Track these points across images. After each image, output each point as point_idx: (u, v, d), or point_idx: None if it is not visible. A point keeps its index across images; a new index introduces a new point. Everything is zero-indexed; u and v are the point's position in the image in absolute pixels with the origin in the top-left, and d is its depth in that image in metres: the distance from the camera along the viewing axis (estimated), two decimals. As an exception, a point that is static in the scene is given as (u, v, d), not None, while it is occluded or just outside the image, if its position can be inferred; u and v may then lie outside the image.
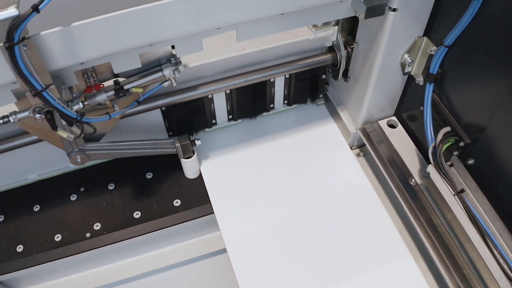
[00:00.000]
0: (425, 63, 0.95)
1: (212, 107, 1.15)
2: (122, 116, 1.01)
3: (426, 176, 0.98)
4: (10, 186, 1.13)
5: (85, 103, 0.84)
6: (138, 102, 0.92)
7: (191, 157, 1.08)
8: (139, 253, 1.20)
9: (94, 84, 0.85)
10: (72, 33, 0.67)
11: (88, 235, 1.04)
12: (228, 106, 1.17)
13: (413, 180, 1.02)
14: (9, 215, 1.09)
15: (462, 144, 0.91)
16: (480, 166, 0.88)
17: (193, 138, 1.08)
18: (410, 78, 1.03)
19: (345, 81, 1.13)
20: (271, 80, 1.14)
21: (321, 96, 1.26)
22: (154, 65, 0.89)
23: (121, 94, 0.86)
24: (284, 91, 1.20)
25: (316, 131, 1.22)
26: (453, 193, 0.88)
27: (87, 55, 0.72)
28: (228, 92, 1.12)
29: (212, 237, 1.23)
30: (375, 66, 0.98)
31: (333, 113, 1.24)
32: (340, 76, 1.13)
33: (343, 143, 1.19)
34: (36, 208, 1.09)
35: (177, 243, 1.21)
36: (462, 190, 0.88)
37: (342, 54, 1.07)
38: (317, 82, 1.20)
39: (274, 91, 1.19)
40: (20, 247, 1.03)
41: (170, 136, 1.19)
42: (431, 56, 0.92)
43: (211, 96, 1.11)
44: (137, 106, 1.01)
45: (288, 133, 1.21)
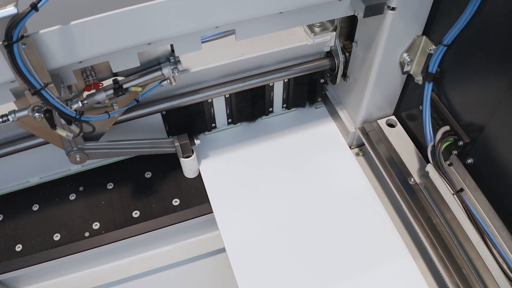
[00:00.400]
0: (424, 62, 0.95)
1: (212, 111, 1.16)
2: (123, 120, 1.01)
3: (425, 176, 0.98)
4: (13, 189, 1.14)
5: (84, 102, 0.84)
6: (137, 101, 0.92)
7: (190, 157, 1.08)
8: (138, 253, 1.20)
9: (93, 83, 0.85)
10: (71, 32, 0.67)
11: (87, 235, 1.04)
12: (228, 110, 1.18)
13: (412, 179, 1.02)
14: (8, 215, 1.09)
15: (461, 143, 0.91)
16: (479, 165, 0.88)
17: (192, 138, 1.08)
18: (409, 77, 1.03)
19: (344, 81, 1.13)
20: (270, 85, 1.15)
21: (320, 100, 1.26)
22: (153, 64, 0.89)
23: (120, 93, 0.86)
24: (283, 95, 1.21)
25: (315, 131, 1.22)
26: (452, 192, 0.88)
27: (86, 54, 0.72)
28: (228, 96, 1.13)
29: (211, 237, 1.23)
30: (374, 65, 0.98)
31: (332, 113, 1.24)
32: (338, 81, 1.14)
33: (342, 143, 1.19)
34: (35, 208, 1.10)
35: (176, 243, 1.21)
36: (461, 189, 0.88)
37: (340, 59, 1.08)
38: (316, 86, 1.21)
39: (273, 95, 1.19)
40: (19, 247, 1.03)
41: None
42: (430, 55, 0.92)
43: (211, 100, 1.12)
44: (138, 110, 1.02)
45: (287, 133, 1.21)
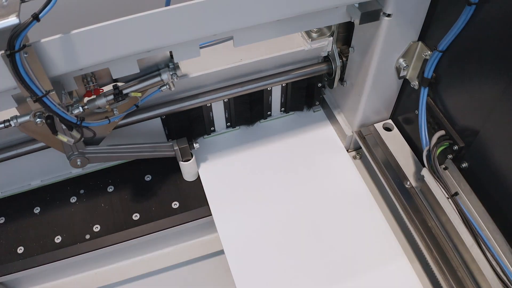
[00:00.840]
0: (420, 68, 0.96)
1: (211, 115, 1.17)
2: (123, 125, 1.02)
3: (421, 179, 0.99)
4: (14, 192, 1.15)
5: (85, 108, 0.85)
6: (137, 106, 0.93)
7: (190, 160, 1.09)
8: (138, 255, 1.21)
9: (94, 89, 0.87)
10: (72, 41, 0.68)
11: (88, 237, 1.05)
12: (226, 114, 1.19)
13: (408, 183, 1.03)
14: (10, 217, 1.10)
15: (456, 148, 0.92)
16: (474, 169, 0.89)
17: (192, 142, 1.10)
18: (405, 82, 1.05)
19: (341, 85, 1.15)
20: (268, 89, 1.16)
21: (317, 104, 1.27)
22: (153, 70, 0.90)
23: (120, 99, 0.87)
24: (281, 99, 1.22)
25: (313, 134, 1.23)
26: (447, 196, 0.89)
27: (86, 62, 0.73)
28: (226, 101, 1.14)
29: (210, 239, 1.24)
30: (371, 70, 0.99)
31: (330, 116, 1.25)
32: (335, 85, 1.15)
33: (340, 146, 1.20)
34: (37, 210, 1.11)
35: (175, 245, 1.23)
36: (456, 193, 0.89)
37: (337, 64, 1.09)
38: (313, 90, 1.22)
39: (271, 99, 1.21)
40: (21, 249, 1.04)
41: None
42: (426, 61, 0.93)
43: (210, 105, 1.13)
44: (138, 115, 1.03)
45: (285, 136, 1.22)
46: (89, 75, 0.85)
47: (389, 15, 0.87)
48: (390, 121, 1.16)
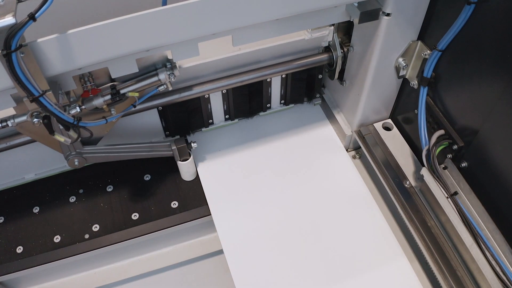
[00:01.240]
0: (419, 67, 0.96)
1: (209, 107, 1.15)
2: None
3: (421, 179, 0.99)
4: (8, 186, 1.14)
5: (82, 107, 0.85)
6: (134, 106, 0.93)
7: (188, 160, 1.09)
8: (137, 254, 1.21)
9: (91, 89, 0.86)
10: (69, 41, 0.68)
11: (87, 237, 1.05)
12: (225, 106, 1.17)
13: (408, 183, 1.03)
14: (9, 217, 1.10)
15: (456, 147, 0.92)
16: (473, 169, 0.89)
17: (190, 141, 1.09)
18: (405, 82, 1.04)
19: (341, 84, 1.14)
20: (268, 80, 1.14)
21: (318, 96, 1.26)
22: (150, 70, 0.90)
23: (118, 99, 0.87)
24: (281, 91, 1.20)
25: (312, 133, 1.23)
26: (446, 196, 0.89)
27: (83, 62, 0.73)
28: (225, 92, 1.12)
29: (209, 239, 1.24)
30: (370, 70, 0.99)
31: (329, 116, 1.25)
32: (337, 76, 1.12)
33: (339, 146, 1.20)
34: (36, 210, 1.11)
35: (175, 244, 1.22)
36: (456, 193, 0.89)
37: (338, 54, 1.07)
38: (314, 82, 1.20)
39: (271, 91, 1.19)
40: (20, 248, 1.04)
41: (167, 136, 1.20)
42: (425, 60, 0.93)
43: (208, 96, 1.11)
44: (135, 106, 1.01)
45: (285, 135, 1.22)
46: (87, 75, 0.85)
47: (389, 14, 0.87)
48: (390, 121, 1.16)
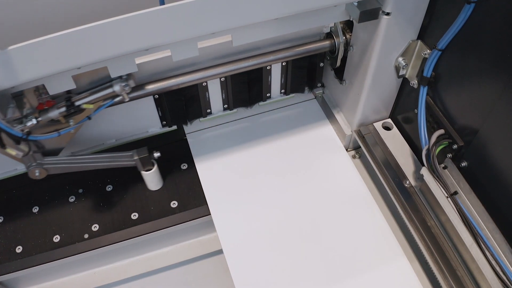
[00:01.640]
0: (419, 66, 0.96)
1: (207, 96, 1.13)
2: (114, 104, 0.97)
3: (420, 178, 0.99)
4: (1, 177, 1.14)
5: (39, 119, 0.84)
6: (89, 118, 0.92)
7: (152, 169, 1.06)
8: (137, 254, 1.21)
9: (46, 101, 0.85)
10: (10, 56, 0.66)
11: (86, 236, 1.05)
12: (223, 95, 1.15)
13: (408, 182, 1.03)
14: (9, 217, 1.10)
15: (456, 147, 0.92)
16: (473, 168, 0.89)
17: (152, 151, 1.05)
18: (405, 81, 1.04)
19: (341, 84, 1.14)
20: (268, 68, 1.11)
21: (319, 86, 1.23)
22: (106, 81, 0.89)
23: (72, 110, 0.86)
24: (281, 80, 1.18)
25: (312, 133, 1.23)
26: (446, 195, 0.89)
27: (26, 77, 0.71)
28: (223, 80, 1.10)
29: (209, 238, 1.24)
30: (370, 69, 0.99)
31: (329, 115, 1.25)
32: (338, 64, 1.10)
33: (339, 145, 1.20)
34: (35, 210, 1.11)
35: (174, 244, 1.23)
36: (455, 192, 0.89)
37: (341, 40, 1.05)
38: (315, 70, 1.18)
39: (271, 79, 1.16)
40: (19, 248, 1.04)
41: (164, 126, 1.19)
42: (425, 60, 0.93)
43: (206, 84, 1.09)
44: (129, 93, 0.97)
45: (285, 135, 1.22)
46: (41, 87, 0.83)
47: (388, 14, 0.87)
48: (390, 120, 1.16)
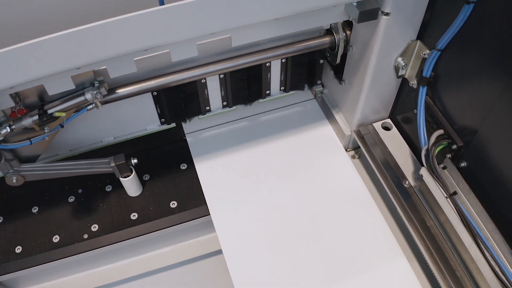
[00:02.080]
0: (419, 67, 0.96)
1: (206, 93, 1.12)
2: (112, 100, 0.98)
3: (420, 178, 0.99)
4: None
5: (13, 127, 0.84)
6: (62, 127, 0.92)
7: (130, 176, 1.06)
8: (136, 254, 1.21)
9: (18, 109, 0.85)
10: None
11: (86, 236, 1.05)
12: (222, 92, 1.15)
13: (407, 182, 1.03)
14: (8, 217, 1.10)
15: (455, 147, 0.92)
16: (473, 169, 0.89)
17: (129, 158, 1.05)
18: (404, 81, 1.04)
19: (340, 84, 1.14)
20: (267, 65, 1.11)
21: (319, 83, 1.23)
22: (78, 89, 0.88)
23: (45, 118, 0.85)
24: (281, 76, 1.18)
25: (312, 133, 1.23)
26: (446, 196, 0.89)
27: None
28: (222, 77, 1.10)
29: (208, 239, 1.24)
30: (369, 69, 0.99)
31: (328, 115, 1.25)
32: (338, 60, 1.09)
33: (338, 145, 1.20)
34: (35, 210, 1.11)
35: (174, 244, 1.23)
36: (455, 193, 0.89)
37: (341, 37, 1.04)
38: (315, 67, 1.18)
39: (270, 77, 1.16)
40: (19, 248, 1.04)
41: (162, 123, 1.19)
42: (424, 60, 0.93)
43: (205, 81, 1.09)
44: (127, 89, 0.98)
45: (284, 135, 1.22)
46: (13, 96, 0.82)
47: (388, 14, 0.87)
48: (389, 121, 1.16)
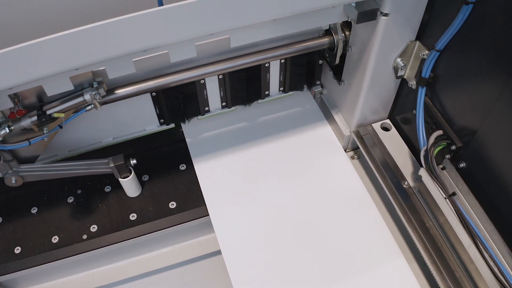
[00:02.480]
0: (418, 67, 0.96)
1: (205, 93, 1.13)
2: (111, 100, 0.98)
3: (419, 179, 0.99)
4: None
5: (12, 128, 0.84)
6: (61, 127, 0.92)
7: (129, 177, 1.05)
8: (135, 255, 1.21)
9: (17, 110, 0.85)
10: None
11: (85, 237, 1.05)
12: (222, 92, 1.15)
13: (406, 183, 1.03)
14: (7, 217, 1.10)
15: (454, 148, 0.92)
16: (472, 169, 0.89)
17: (128, 158, 1.04)
18: (403, 82, 1.04)
19: (339, 84, 1.14)
20: (266, 65, 1.11)
21: (318, 83, 1.23)
22: (76, 90, 0.88)
23: (44, 119, 0.86)
24: (280, 77, 1.18)
25: (311, 134, 1.23)
26: (445, 196, 0.89)
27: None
28: (221, 77, 1.10)
29: (207, 239, 1.24)
30: (368, 70, 0.99)
31: (328, 116, 1.24)
32: (337, 61, 1.09)
33: (338, 146, 1.20)
34: (34, 210, 1.11)
35: (173, 245, 1.22)
36: (454, 193, 0.89)
37: (340, 37, 1.04)
38: (314, 68, 1.18)
39: (269, 77, 1.16)
40: (18, 249, 1.04)
41: (161, 124, 1.20)
42: (423, 60, 0.93)
43: (204, 81, 1.09)
44: (126, 89, 0.97)
45: (283, 136, 1.22)
46: (12, 97, 0.82)
47: (386, 15, 0.87)
48: (388, 121, 1.16)
